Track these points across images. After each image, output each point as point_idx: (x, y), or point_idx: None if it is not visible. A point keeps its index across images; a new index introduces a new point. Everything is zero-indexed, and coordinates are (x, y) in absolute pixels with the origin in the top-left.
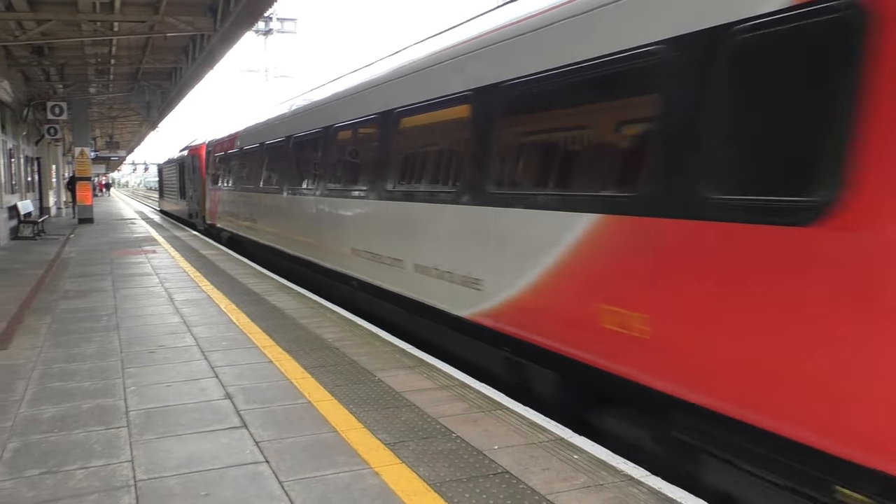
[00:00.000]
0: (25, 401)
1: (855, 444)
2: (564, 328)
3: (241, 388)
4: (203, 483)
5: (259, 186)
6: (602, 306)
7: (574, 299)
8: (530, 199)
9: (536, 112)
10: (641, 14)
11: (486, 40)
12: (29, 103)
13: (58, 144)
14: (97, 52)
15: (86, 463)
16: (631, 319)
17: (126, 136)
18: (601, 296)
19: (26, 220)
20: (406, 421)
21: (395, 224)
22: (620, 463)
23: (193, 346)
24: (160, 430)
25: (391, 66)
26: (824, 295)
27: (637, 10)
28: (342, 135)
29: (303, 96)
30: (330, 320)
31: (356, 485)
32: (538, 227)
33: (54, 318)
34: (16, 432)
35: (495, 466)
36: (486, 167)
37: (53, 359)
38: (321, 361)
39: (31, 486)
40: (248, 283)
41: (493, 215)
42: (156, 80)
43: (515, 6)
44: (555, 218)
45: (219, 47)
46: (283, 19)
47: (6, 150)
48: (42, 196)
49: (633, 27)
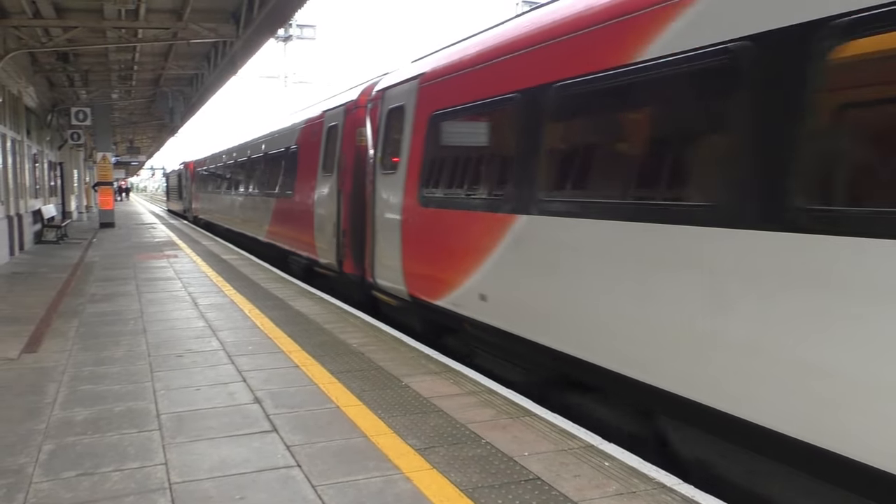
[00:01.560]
0: (58, 403)
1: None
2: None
3: (269, 393)
4: (236, 486)
5: (217, 190)
6: None
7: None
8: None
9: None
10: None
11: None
12: (53, 109)
13: (80, 150)
14: (121, 58)
15: (120, 465)
16: None
17: (146, 141)
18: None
19: (50, 224)
20: (435, 426)
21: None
22: (652, 470)
23: (220, 351)
24: (192, 433)
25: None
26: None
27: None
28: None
29: (232, 142)
30: (353, 325)
31: (389, 490)
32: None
33: (82, 322)
34: (50, 434)
35: (526, 473)
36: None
37: (83, 362)
38: (347, 366)
39: (68, 487)
40: (270, 287)
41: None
42: (177, 87)
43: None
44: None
45: (241, 54)
46: (303, 26)
47: (30, 155)
48: (65, 200)
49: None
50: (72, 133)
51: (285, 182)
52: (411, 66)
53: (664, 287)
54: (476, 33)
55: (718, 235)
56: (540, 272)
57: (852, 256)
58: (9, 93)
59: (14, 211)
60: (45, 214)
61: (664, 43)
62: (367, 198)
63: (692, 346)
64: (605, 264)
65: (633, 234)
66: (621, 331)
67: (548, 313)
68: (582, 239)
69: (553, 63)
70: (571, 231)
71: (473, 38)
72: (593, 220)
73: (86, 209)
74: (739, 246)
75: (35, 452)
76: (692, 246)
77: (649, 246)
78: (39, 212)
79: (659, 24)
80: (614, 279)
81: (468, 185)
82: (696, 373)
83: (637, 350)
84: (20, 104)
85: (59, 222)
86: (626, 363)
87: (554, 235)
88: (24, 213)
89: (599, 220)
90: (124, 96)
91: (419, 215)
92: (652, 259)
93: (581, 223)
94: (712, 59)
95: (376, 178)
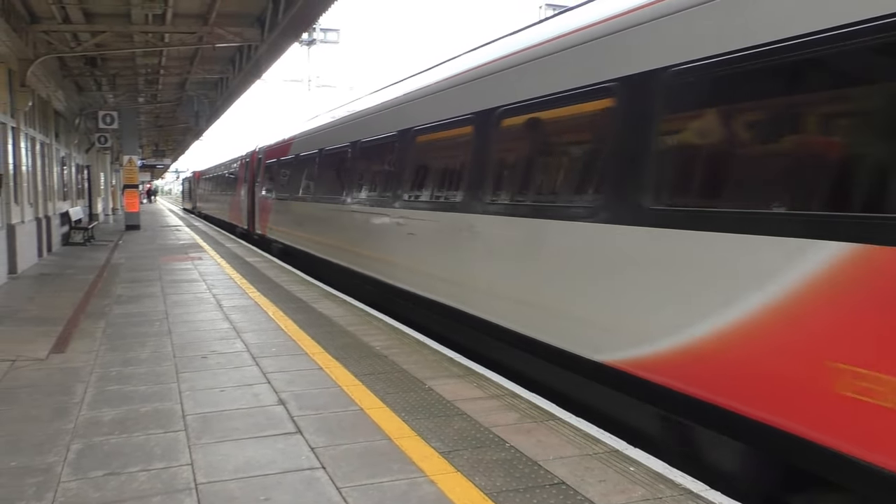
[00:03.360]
0: (86, 403)
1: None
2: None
3: (293, 395)
4: (262, 487)
5: (206, 192)
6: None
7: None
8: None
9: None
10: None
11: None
12: (81, 112)
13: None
14: (147, 62)
15: (147, 465)
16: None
17: (171, 144)
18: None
19: (77, 226)
20: (459, 430)
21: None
22: (678, 476)
23: (244, 352)
24: (217, 434)
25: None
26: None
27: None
28: (217, 176)
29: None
30: (377, 328)
31: (413, 493)
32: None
33: (108, 323)
34: (78, 434)
35: (551, 477)
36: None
37: (110, 362)
38: (371, 369)
39: (95, 487)
40: (293, 290)
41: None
42: (203, 91)
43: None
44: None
45: (265, 57)
46: (326, 30)
47: (59, 158)
48: (91, 203)
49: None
50: (99, 136)
51: (234, 188)
52: (261, 146)
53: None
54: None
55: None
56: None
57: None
58: (38, 97)
59: (43, 213)
60: (73, 216)
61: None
62: (255, 196)
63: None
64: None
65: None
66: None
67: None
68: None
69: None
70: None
71: (280, 136)
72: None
73: (112, 211)
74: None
75: (63, 452)
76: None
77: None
78: (67, 214)
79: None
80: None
81: (275, 189)
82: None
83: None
84: (49, 108)
85: (87, 224)
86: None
87: (295, 207)
88: (52, 215)
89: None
90: (150, 100)
91: (263, 202)
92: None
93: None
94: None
95: (255, 187)
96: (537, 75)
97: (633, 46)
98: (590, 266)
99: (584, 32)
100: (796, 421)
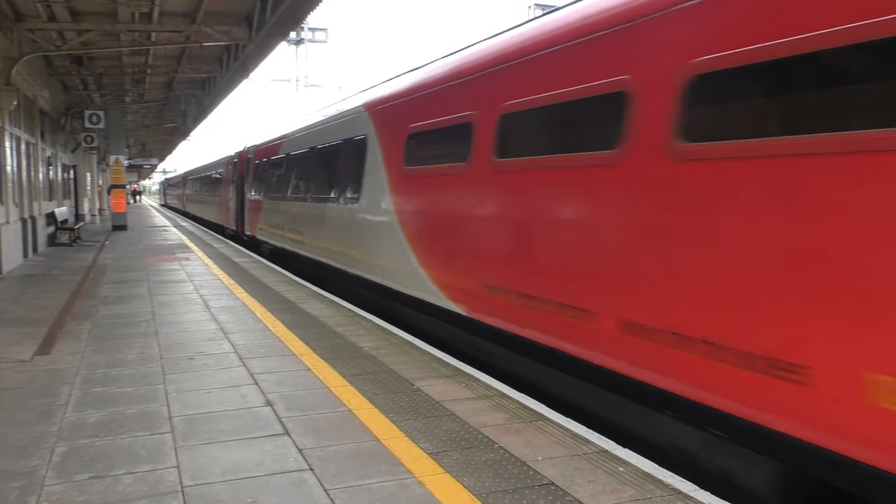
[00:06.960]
0: (70, 405)
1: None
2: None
3: (281, 396)
4: (249, 490)
5: (182, 192)
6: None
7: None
8: None
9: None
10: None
11: None
12: (67, 112)
13: (93, 153)
14: (134, 61)
15: (132, 468)
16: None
17: (158, 144)
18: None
19: (63, 226)
20: (447, 430)
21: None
22: (667, 476)
23: (232, 353)
24: (204, 436)
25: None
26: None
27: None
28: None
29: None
30: (365, 329)
31: (402, 494)
32: None
33: (94, 324)
34: (62, 436)
35: (540, 478)
36: None
37: (96, 364)
38: (359, 370)
39: (80, 490)
40: (281, 290)
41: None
42: (190, 90)
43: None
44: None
45: (253, 57)
46: (315, 29)
47: (44, 158)
48: (77, 203)
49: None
50: (85, 136)
51: (217, 190)
52: (250, 145)
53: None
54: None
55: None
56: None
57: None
58: (24, 96)
59: (28, 213)
60: (59, 217)
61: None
62: (245, 196)
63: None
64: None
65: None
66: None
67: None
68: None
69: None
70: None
71: (271, 136)
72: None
73: (99, 212)
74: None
75: (48, 454)
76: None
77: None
78: (53, 214)
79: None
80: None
81: (263, 191)
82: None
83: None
84: (35, 107)
85: (73, 225)
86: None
87: (284, 206)
88: (37, 215)
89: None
90: (137, 99)
91: (252, 202)
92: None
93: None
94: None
95: (244, 186)
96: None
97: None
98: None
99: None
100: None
